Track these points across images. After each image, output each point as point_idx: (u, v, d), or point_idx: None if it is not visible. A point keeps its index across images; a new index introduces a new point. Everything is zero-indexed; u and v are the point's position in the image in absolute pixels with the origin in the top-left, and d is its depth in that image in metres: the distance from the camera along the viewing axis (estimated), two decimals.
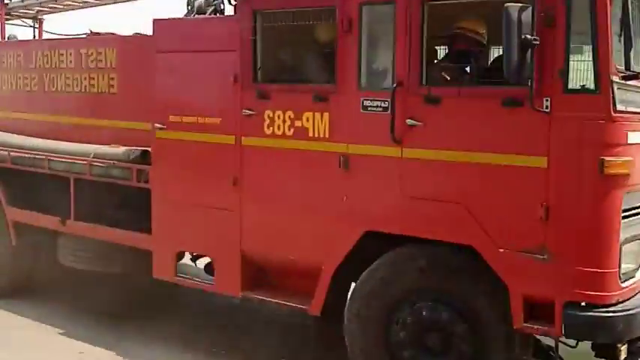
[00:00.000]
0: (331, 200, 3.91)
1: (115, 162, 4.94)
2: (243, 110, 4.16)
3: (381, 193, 3.73)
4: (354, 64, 3.75)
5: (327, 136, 3.89)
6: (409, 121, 3.55)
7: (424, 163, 3.58)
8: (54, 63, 5.78)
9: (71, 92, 5.66)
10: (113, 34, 5.80)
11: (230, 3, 4.37)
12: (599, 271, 3.19)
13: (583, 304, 3.21)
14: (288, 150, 4.06)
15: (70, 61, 5.67)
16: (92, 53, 5.49)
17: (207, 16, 4.46)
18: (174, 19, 4.66)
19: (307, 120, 3.95)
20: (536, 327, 3.38)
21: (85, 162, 5.13)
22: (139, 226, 4.87)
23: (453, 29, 3.75)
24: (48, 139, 5.64)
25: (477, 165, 3.42)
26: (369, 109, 3.73)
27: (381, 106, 3.68)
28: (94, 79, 5.48)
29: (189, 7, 4.71)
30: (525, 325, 3.36)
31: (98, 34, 6.01)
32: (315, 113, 3.91)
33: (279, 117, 4.06)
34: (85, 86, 5.56)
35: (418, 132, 3.56)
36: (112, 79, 5.36)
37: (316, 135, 3.93)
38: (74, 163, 5.22)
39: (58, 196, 5.38)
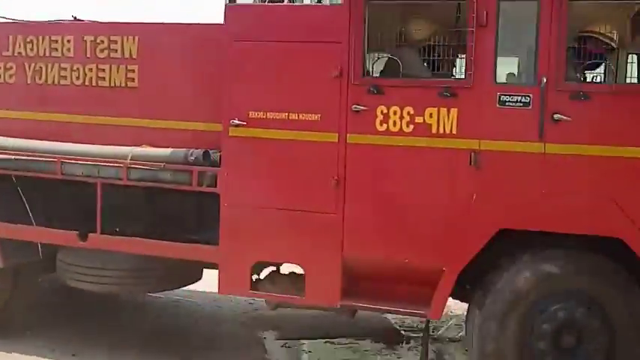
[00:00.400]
0: (457, 199, 3.78)
1: (165, 164, 4.31)
2: (354, 106, 3.87)
3: (519, 190, 3.69)
4: (490, 60, 3.68)
5: (454, 132, 3.76)
6: (557, 116, 3.58)
7: (571, 158, 3.61)
8: (42, 50, 4.91)
9: (69, 85, 4.85)
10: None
11: None
12: None
13: None
14: (406, 147, 3.85)
15: (69, 49, 4.85)
16: (102, 41, 4.76)
17: (300, 3, 4.08)
18: (258, 5, 4.20)
19: (431, 116, 3.79)
20: None
21: (120, 165, 4.39)
22: (191, 237, 4.31)
23: (588, 31, 3.84)
24: (36, 139, 4.76)
25: (626, 159, 3.54)
26: (506, 104, 3.68)
27: (521, 102, 3.66)
28: (104, 70, 4.75)
29: None
30: None
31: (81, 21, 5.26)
32: (441, 109, 3.77)
33: (395, 113, 3.83)
34: (91, 78, 4.80)
35: (564, 127, 3.59)
36: (132, 71, 4.70)
37: (441, 131, 3.78)
38: (103, 166, 4.44)
39: (71, 207, 4.56)
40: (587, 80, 4.07)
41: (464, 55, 3.79)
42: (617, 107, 3.57)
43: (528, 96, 3.63)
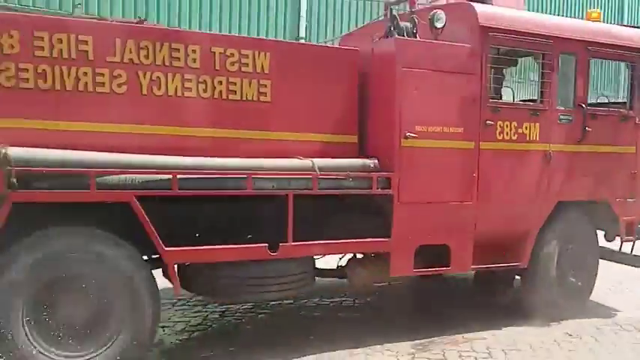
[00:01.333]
0: (538, 184, 5.68)
1: (349, 173, 4.84)
2: (487, 121, 5.33)
3: (569, 175, 5.82)
4: (554, 92, 5.68)
5: (537, 139, 5.64)
6: (587, 129, 5.83)
7: (594, 153, 5.92)
8: (161, 59, 4.58)
9: (194, 98, 4.69)
10: None
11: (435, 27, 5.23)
12: None
13: None
14: (512, 150, 5.53)
15: (194, 60, 4.69)
16: (233, 54, 4.81)
17: (452, 43, 5.20)
18: (421, 41, 5.10)
19: (526, 128, 5.57)
20: None
21: (309, 176, 4.67)
22: (366, 232, 5.00)
23: None
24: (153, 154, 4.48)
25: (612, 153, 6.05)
26: (562, 120, 5.75)
27: (568, 119, 5.78)
28: (234, 84, 4.82)
29: (391, 28, 5.20)
30: None
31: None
32: (531, 124, 5.59)
33: (507, 126, 5.48)
34: (221, 92, 4.78)
35: (590, 134, 5.87)
36: (264, 86, 4.92)
37: (531, 139, 5.61)
38: (295, 178, 4.64)
39: (252, 220, 4.59)
40: None
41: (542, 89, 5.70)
42: (606, 122, 6.05)
43: (571, 115, 5.80)
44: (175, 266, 4.45)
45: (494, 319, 5.86)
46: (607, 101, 6.92)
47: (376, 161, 5.04)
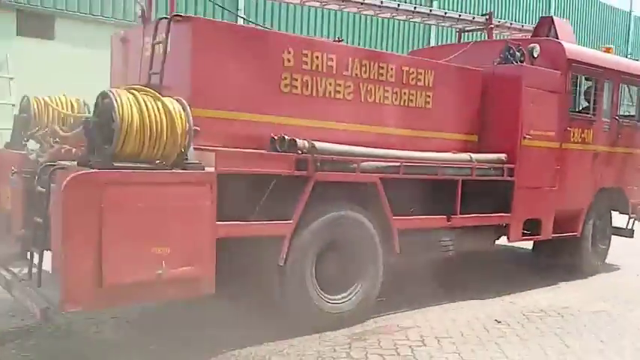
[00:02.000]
0: (590, 174, 7.80)
1: (493, 165, 6.53)
2: (567, 128, 7.28)
3: (606, 168, 7.96)
4: (601, 107, 7.79)
5: (591, 141, 7.70)
6: (619, 135, 8.00)
7: (620, 153, 8.13)
8: (373, 74, 5.97)
9: (389, 105, 6.12)
10: None
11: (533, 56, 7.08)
12: None
13: None
14: (578, 149, 7.53)
15: (391, 76, 6.11)
16: (413, 72, 6.29)
17: (546, 69, 7.04)
18: (534, 67, 6.93)
19: (586, 134, 7.59)
20: None
21: (470, 166, 6.30)
22: (496, 209, 6.71)
23: None
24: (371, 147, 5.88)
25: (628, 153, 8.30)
26: (604, 129, 7.86)
27: (608, 127, 7.91)
28: (416, 95, 6.32)
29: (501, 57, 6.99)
30: None
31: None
32: (588, 130, 7.63)
33: (577, 132, 7.47)
34: (405, 100, 6.24)
35: (620, 139, 8.04)
36: (429, 96, 6.45)
37: (587, 141, 7.66)
38: (463, 167, 6.23)
39: (434, 197, 6.10)
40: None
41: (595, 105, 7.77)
42: (629, 129, 8.28)
43: (609, 125, 7.94)
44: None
45: (428, 309, 6.20)
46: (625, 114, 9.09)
47: (505, 156, 6.77)
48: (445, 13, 8.99)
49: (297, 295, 5.15)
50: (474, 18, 8.52)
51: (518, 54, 7.02)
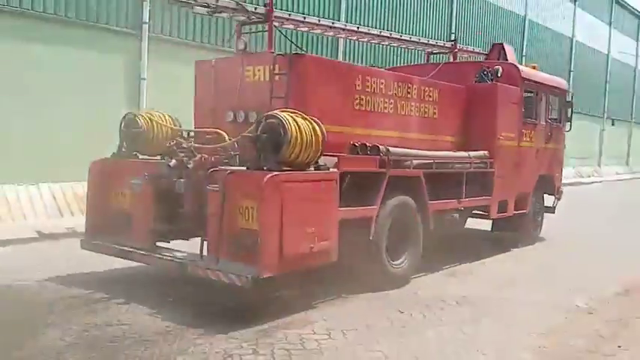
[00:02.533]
0: (534, 165, 10.24)
1: (481, 160, 8.66)
2: (522, 130, 9.60)
3: (542, 160, 10.44)
4: (539, 113, 10.25)
5: (534, 140, 10.14)
6: (550, 135, 10.55)
7: (550, 148, 10.70)
8: (404, 93, 7.83)
9: (412, 117, 8.01)
10: None
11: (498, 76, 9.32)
12: None
13: None
14: (527, 147, 9.91)
15: (415, 94, 8.00)
16: (426, 91, 8.23)
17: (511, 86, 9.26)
18: (505, 85, 9.08)
19: (532, 134, 10.00)
20: None
21: (469, 162, 8.36)
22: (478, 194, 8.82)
23: None
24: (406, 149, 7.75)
25: (554, 148, 10.87)
26: (541, 130, 10.34)
27: (543, 129, 10.42)
28: (428, 108, 8.26)
29: (477, 77, 9.12)
30: None
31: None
32: (532, 131, 10.06)
33: (527, 133, 9.82)
34: (420, 112, 8.16)
35: (551, 138, 10.59)
36: (435, 108, 8.42)
37: (532, 140, 10.08)
38: (465, 163, 8.29)
39: (446, 186, 8.06)
40: None
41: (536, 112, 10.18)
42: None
43: (544, 127, 10.43)
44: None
45: (336, 302, 6.38)
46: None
47: (487, 153, 8.92)
48: (419, 39, 11.13)
49: (379, 261, 6.86)
50: (444, 44, 10.73)
51: (490, 75, 9.23)
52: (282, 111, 5.79)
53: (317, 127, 5.85)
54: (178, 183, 6.28)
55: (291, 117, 5.71)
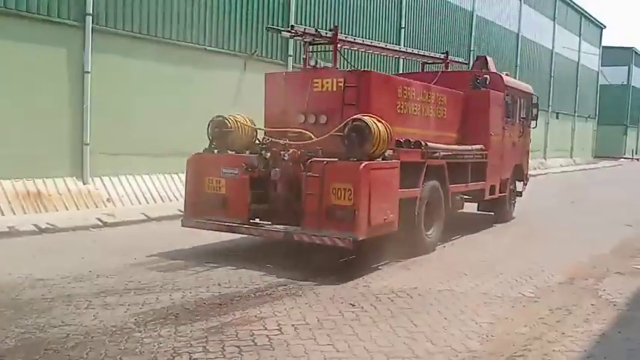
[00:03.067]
0: (511, 157, 12.68)
1: (479, 152, 10.88)
2: (504, 127, 11.99)
3: (516, 152, 12.88)
4: (515, 113, 12.69)
5: (512, 135, 12.56)
6: (522, 131, 12.90)
7: (521, 142, 13.16)
8: (426, 98, 9.86)
9: (430, 117, 10.05)
10: None
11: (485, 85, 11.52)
12: None
13: None
14: (508, 141, 12.32)
15: (432, 99, 10.04)
16: (439, 97, 10.28)
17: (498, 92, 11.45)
18: (495, 92, 11.40)
19: (512, 131, 12.34)
20: None
21: (471, 154, 10.55)
22: (477, 179, 11.00)
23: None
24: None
25: (523, 142, 13.28)
26: (516, 127, 12.72)
27: (518, 126, 12.78)
28: (440, 110, 10.31)
29: (472, 85, 11.30)
30: None
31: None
32: (510, 128, 12.52)
33: (507, 130, 12.18)
34: (436, 114, 10.21)
35: (524, 134, 12.99)
36: (444, 111, 10.48)
37: (511, 135, 12.57)
38: (470, 154, 10.56)
39: (458, 173, 10.19)
40: None
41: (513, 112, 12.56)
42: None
43: (518, 125, 12.86)
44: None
45: (286, 298, 6.39)
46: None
47: (482, 146, 11.12)
48: (419, 51, 13.26)
49: (419, 232, 8.91)
50: (439, 55, 12.98)
51: (481, 82, 11.41)
52: (364, 115, 7.74)
53: (386, 128, 7.80)
54: (274, 171, 8.11)
55: (372, 120, 7.65)
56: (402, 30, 22.21)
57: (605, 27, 48.15)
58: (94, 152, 12.28)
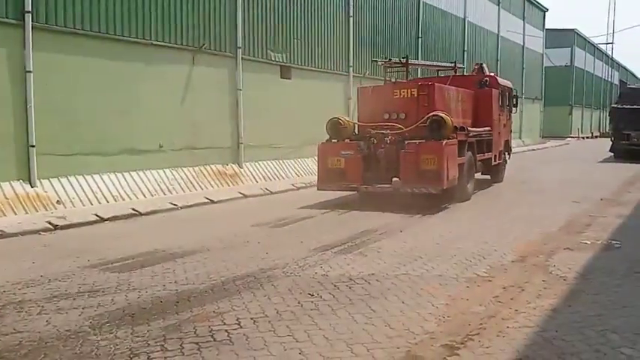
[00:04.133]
0: (503, 134, 16.94)
1: (488, 132, 15.49)
2: (499, 114, 16.32)
3: (507, 131, 17.79)
4: (505, 103, 16.98)
5: (503, 119, 16.96)
6: (511, 116, 13.61)
7: (509, 124, 17.62)
8: (456, 97, 14.33)
9: (459, 109, 14.31)
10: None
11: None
12: None
13: None
14: (502, 123, 16.68)
15: (459, 97, 14.50)
16: (462, 95, 14.58)
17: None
18: (495, 90, 15.87)
19: (502, 116, 15.23)
20: None
21: (485, 133, 15.22)
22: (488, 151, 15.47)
23: None
24: None
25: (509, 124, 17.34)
26: (505, 113, 16.80)
27: (506, 112, 16.68)
28: (463, 104, 14.58)
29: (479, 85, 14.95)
30: None
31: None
32: (502, 114, 17.09)
33: (501, 115, 16.66)
34: (462, 107, 14.49)
35: (508, 117, 13.81)
36: (464, 104, 14.72)
37: (502, 119, 17.10)
38: (485, 133, 15.12)
39: (479, 146, 14.61)
40: None
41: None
42: None
43: (508, 112, 17.17)
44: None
45: (244, 292, 6.29)
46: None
47: (489, 128, 15.29)
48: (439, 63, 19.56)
49: (465, 185, 13.23)
50: (450, 65, 18.42)
51: (484, 83, 15.95)
52: (440, 112, 12.41)
53: (450, 119, 12.37)
54: (379, 151, 12.49)
55: (444, 114, 12.30)
56: (351, 19, 22.20)
57: (547, 10, 49.29)
58: (40, 154, 11.92)
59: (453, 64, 18.01)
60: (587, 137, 60.47)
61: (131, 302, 6.06)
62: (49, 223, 10.44)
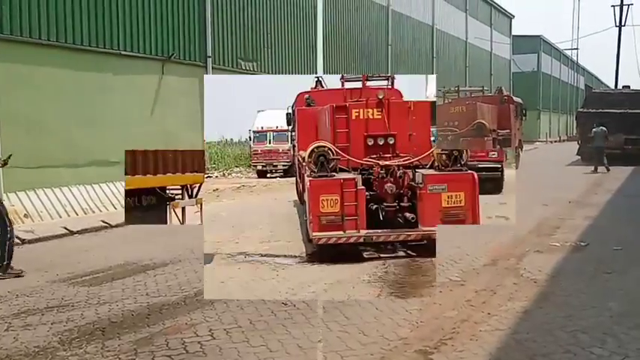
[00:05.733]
0: (517, 135, 20.04)
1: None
2: (514, 121, 18.57)
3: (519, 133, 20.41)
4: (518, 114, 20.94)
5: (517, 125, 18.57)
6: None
7: None
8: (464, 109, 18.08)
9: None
10: None
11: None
12: None
13: None
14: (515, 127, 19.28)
15: (489, 111, 19.00)
16: (491, 109, 19.32)
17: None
18: (512, 105, 19.04)
19: (517, 122, 13.33)
20: None
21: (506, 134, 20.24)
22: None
23: None
24: None
25: None
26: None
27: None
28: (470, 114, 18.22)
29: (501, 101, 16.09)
30: None
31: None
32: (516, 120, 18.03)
33: (516, 122, 19.11)
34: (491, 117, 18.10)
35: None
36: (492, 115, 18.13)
37: (517, 125, 19.29)
38: (505, 134, 20.18)
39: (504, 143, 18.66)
40: None
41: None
42: None
43: None
44: None
45: (217, 302, 6.15)
46: None
47: (509, 131, 20.45)
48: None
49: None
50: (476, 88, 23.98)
51: (505, 100, 21.32)
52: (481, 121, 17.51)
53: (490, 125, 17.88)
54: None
55: (485, 122, 17.05)
56: (320, 27, 22.34)
57: (513, 17, 50.25)
58: (7, 166, 11.66)
59: (479, 88, 24.38)
60: (556, 141, 61.49)
61: (101, 316, 5.96)
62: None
